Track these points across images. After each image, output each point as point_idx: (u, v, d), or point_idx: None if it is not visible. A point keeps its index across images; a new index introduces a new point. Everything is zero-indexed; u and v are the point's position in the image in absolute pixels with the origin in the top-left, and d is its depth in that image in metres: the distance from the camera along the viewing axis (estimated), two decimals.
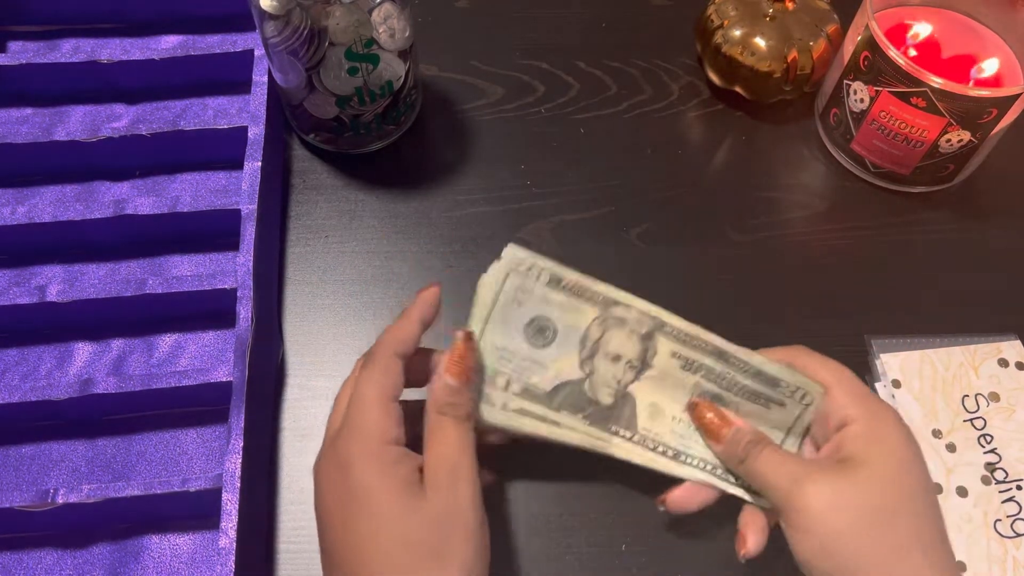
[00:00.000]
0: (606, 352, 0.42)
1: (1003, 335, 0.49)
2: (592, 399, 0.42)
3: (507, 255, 0.41)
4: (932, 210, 0.55)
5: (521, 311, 0.41)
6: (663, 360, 0.43)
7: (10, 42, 0.60)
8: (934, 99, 0.47)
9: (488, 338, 0.41)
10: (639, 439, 0.42)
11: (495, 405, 0.41)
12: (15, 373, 0.48)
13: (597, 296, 0.42)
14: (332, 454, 0.37)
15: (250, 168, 0.49)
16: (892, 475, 0.37)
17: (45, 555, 0.43)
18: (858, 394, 0.40)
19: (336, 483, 0.36)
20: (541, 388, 0.42)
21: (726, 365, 0.42)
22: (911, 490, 0.37)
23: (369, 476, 0.35)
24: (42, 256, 0.51)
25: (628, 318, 0.42)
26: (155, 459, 0.46)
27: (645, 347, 0.43)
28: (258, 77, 0.53)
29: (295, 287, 0.51)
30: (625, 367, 0.42)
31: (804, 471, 0.38)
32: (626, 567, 0.43)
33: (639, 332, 0.42)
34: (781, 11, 0.55)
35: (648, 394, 0.43)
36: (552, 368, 0.42)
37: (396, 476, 0.36)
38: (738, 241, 0.53)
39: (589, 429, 0.42)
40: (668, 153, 0.57)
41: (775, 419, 0.42)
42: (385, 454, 0.36)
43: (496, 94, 0.59)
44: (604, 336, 0.42)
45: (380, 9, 0.47)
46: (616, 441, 0.42)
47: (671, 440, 0.42)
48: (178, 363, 0.48)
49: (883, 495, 0.37)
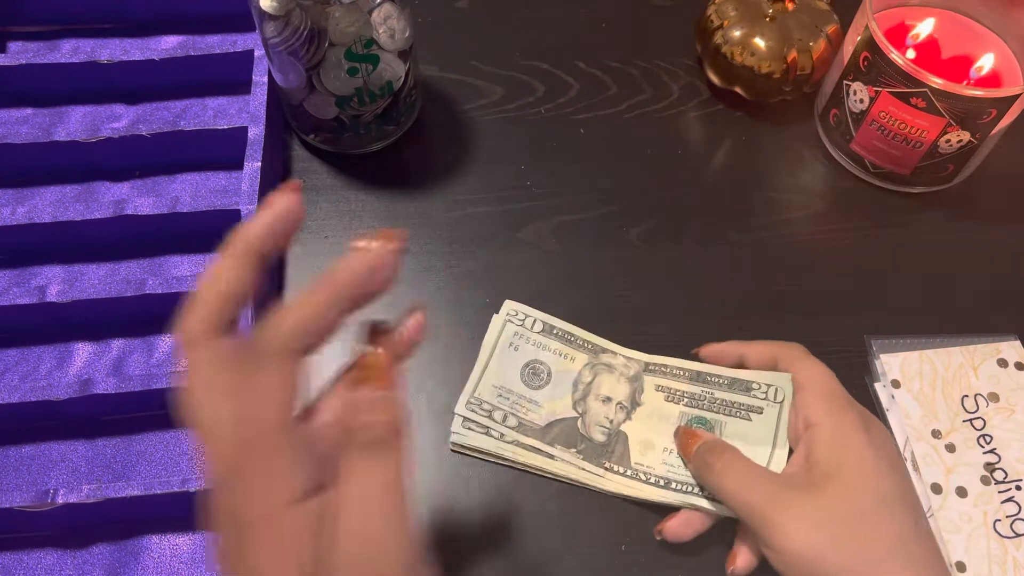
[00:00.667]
0: (597, 394, 0.46)
1: (1003, 335, 0.49)
2: (585, 436, 0.45)
3: (505, 307, 0.48)
4: (932, 210, 0.55)
5: (518, 355, 0.47)
6: (650, 396, 0.46)
7: (10, 42, 0.60)
8: (934, 99, 0.47)
9: (488, 379, 0.46)
10: (632, 474, 0.44)
11: (492, 436, 0.45)
12: (15, 373, 0.48)
13: (586, 344, 0.48)
14: None
15: (250, 168, 0.49)
16: (864, 483, 0.37)
17: (45, 555, 0.43)
18: (827, 395, 0.41)
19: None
20: (536, 423, 0.45)
21: (704, 385, 0.45)
22: (886, 495, 0.37)
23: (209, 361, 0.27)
24: (42, 256, 0.51)
25: (615, 364, 0.47)
26: (155, 459, 0.46)
27: (634, 388, 0.46)
28: (258, 77, 0.53)
29: (295, 287, 0.51)
30: (616, 408, 0.46)
31: (777, 490, 0.38)
32: (626, 567, 0.43)
33: (627, 375, 0.46)
34: (781, 11, 0.55)
35: (640, 431, 0.45)
36: (547, 406, 0.45)
37: (219, 350, 0.27)
38: (738, 241, 0.53)
39: (583, 463, 0.44)
40: (668, 153, 0.57)
41: (759, 434, 0.43)
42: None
43: (496, 94, 0.59)
44: (595, 380, 0.46)
45: (380, 9, 0.47)
46: (610, 476, 0.44)
47: (661, 470, 0.44)
48: (178, 363, 0.48)
49: (858, 505, 0.37)
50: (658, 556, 0.43)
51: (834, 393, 0.41)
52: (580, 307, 0.50)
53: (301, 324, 0.27)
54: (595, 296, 0.51)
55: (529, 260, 0.52)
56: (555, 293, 0.51)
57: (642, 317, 0.50)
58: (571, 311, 0.50)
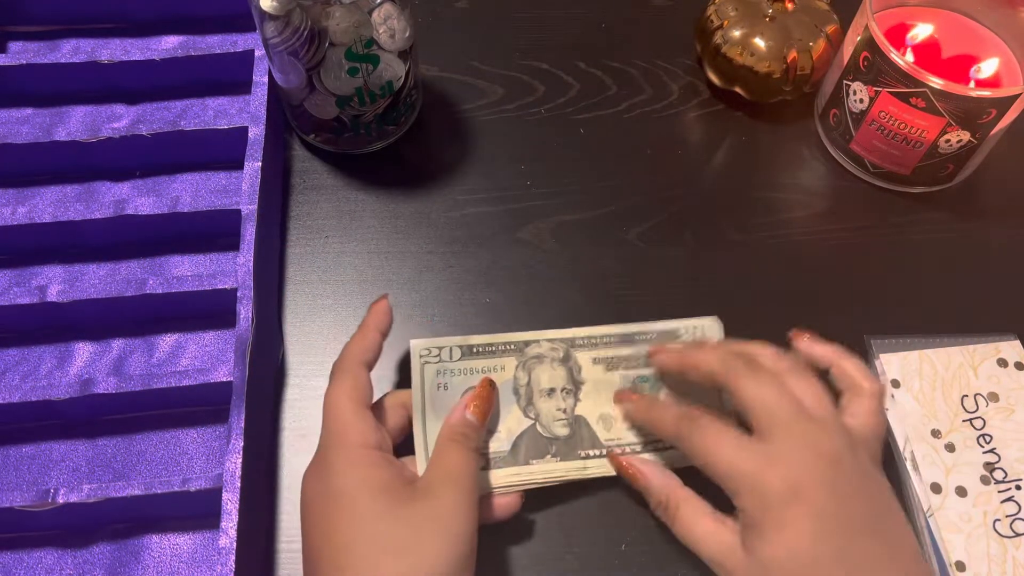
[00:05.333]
0: (540, 391, 0.45)
1: (1002, 335, 0.49)
2: (550, 436, 0.44)
3: (415, 349, 0.44)
4: (931, 210, 0.55)
5: (450, 393, 0.43)
6: (588, 372, 0.45)
7: (10, 42, 0.60)
8: (933, 99, 0.48)
9: (432, 433, 0.42)
10: (607, 451, 0.44)
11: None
12: (15, 373, 0.48)
13: (509, 345, 0.45)
14: (316, 460, 0.39)
15: (250, 168, 0.49)
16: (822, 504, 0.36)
17: (45, 555, 0.43)
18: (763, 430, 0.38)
19: (318, 490, 0.38)
20: (502, 450, 0.43)
21: (635, 345, 0.45)
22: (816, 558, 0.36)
23: (347, 479, 0.37)
24: (42, 256, 0.51)
25: (543, 352, 0.45)
26: (155, 459, 0.46)
27: (569, 368, 0.45)
28: (258, 77, 0.53)
29: (295, 287, 0.51)
30: (562, 395, 0.45)
31: (737, 541, 0.37)
32: (626, 567, 0.43)
33: (557, 358, 0.45)
34: (781, 11, 0.55)
35: (593, 408, 0.45)
36: (503, 429, 0.44)
37: (374, 479, 0.37)
38: (738, 241, 0.53)
39: (561, 465, 0.44)
40: (668, 153, 0.57)
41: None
42: (363, 458, 0.37)
43: (496, 94, 0.59)
44: (531, 377, 0.45)
45: (380, 9, 0.47)
46: (590, 463, 0.44)
47: (631, 437, 0.44)
48: (178, 363, 0.48)
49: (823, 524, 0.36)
50: (658, 555, 0.43)
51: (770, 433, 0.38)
52: (580, 307, 0.50)
53: (363, 347, 0.42)
54: (595, 296, 0.51)
55: (529, 260, 0.52)
56: (555, 293, 0.51)
57: (642, 317, 0.50)
58: (571, 311, 0.50)
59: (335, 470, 0.37)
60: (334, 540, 0.36)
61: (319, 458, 0.39)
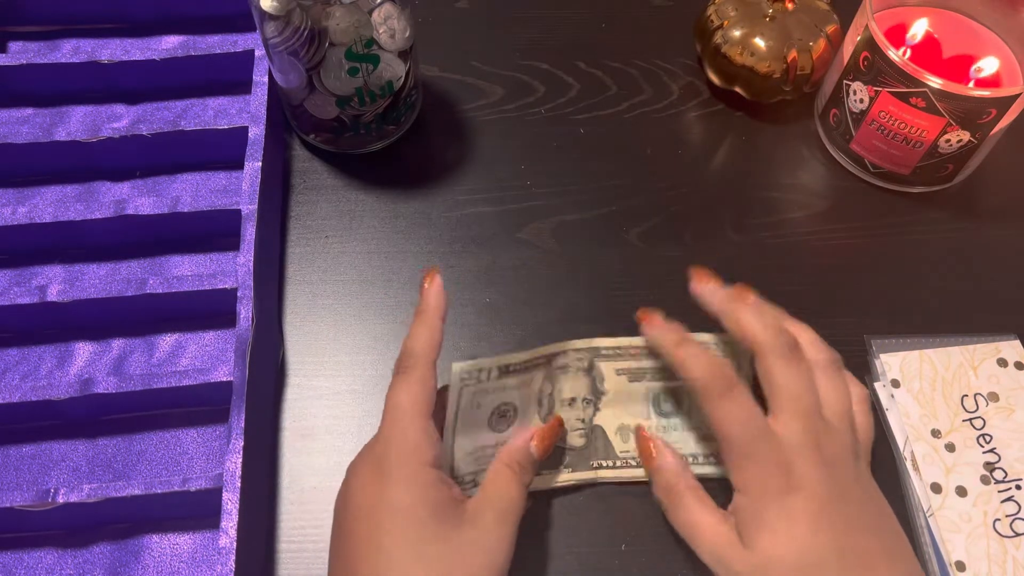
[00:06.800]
0: (561, 400, 0.44)
1: (1002, 335, 0.49)
2: (566, 447, 0.44)
3: (454, 373, 0.41)
4: (932, 210, 0.55)
5: (481, 411, 0.42)
6: (612, 382, 0.45)
7: (10, 42, 0.60)
8: (933, 99, 0.48)
9: (460, 449, 0.41)
10: (621, 463, 0.44)
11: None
12: (15, 373, 0.48)
13: (541, 359, 0.43)
14: (372, 461, 0.38)
15: (250, 168, 0.49)
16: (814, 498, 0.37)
17: (45, 555, 0.43)
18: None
19: (370, 492, 0.37)
20: None
21: (660, 358, 0.44)
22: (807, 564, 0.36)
23: (407, 497, 0.36)
24: (42, 256, 0.51)
25: (568, 362, 0.44)
26: (155, 459, 0.46)
27: (592, 378, 0.45)
28: (258, 77, 0.53)
29: (295, 287, 0.51)
30: (583, 405, 0.44)
31: (736, 535, 0.38)
32: (626, 567, 0.43)
33: (582, 368, 0.44)
34: (781, 11, 0.55)
35: (613, 419, 0.45)
36: None
37: (431, 499, 0.36)
38: (738, 241, 0.53)
39: (573, 476, 0.44)
40: (668, 153, 0.57)
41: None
42: (422, 476, 0.37)
43: (496, 94, 0.59)
44: (555, 387, 0.44)
45: (380, 9, 0.47)
46: (601, 473, 0.44)
47: None
48: (178, 363, 0.48)
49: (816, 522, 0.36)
50: (658, 556, 0.43)
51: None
52: (580, 307, 0.50)
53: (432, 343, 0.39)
54: (595, 296, 0.51)
55: (529, 260, 0.52)
56: (555, 293, 0.51)
57: None
58: (571, 311, 0.50)
59: (396, 483, 0.36)
60: (382, 551, 0.35)
61: (376, 463, 0.37)
